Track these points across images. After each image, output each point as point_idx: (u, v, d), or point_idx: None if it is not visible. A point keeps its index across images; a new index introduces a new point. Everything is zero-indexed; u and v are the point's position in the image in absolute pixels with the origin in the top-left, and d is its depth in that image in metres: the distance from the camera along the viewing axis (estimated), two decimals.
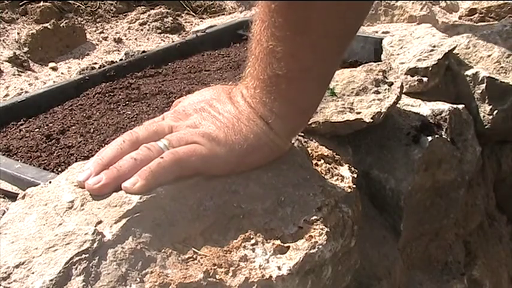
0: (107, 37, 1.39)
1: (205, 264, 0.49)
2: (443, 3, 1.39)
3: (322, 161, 0.68)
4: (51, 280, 0.44)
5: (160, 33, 1.45)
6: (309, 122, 0.72)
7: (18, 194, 0.56)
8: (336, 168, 0.68)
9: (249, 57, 0.55)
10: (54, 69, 1.21)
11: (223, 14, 1.62)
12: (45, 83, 1.14)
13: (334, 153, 0.71)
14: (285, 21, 0.50)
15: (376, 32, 1.08)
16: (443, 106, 0.87)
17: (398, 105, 0.83)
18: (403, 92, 0.85)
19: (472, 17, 1.25)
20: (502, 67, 0.99)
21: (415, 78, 0.91)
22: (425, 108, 0.87)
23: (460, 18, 1.28)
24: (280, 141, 0.56)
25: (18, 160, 0.76)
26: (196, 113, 0.56)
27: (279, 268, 0.50)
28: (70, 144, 0.80)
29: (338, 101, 0.76)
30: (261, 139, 0.55)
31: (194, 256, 0.49)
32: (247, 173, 0.57)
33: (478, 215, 1.00)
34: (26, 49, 1.24)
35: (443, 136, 0.83)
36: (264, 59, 0.53)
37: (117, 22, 1.48)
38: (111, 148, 0.55)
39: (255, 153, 0.55)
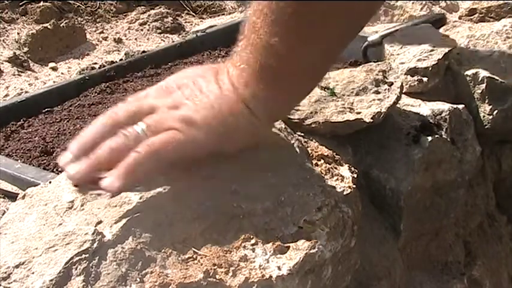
0: (107, 37, 1.39)
1: (205, 264, 0.49)
2: (443, 3, 1.39)
3: (322, 161, 0.68)
4: (51, 280, 0.44)
5: (160, 33, 1.45)
6: (309, 122, 0.72)
7: (18, 194, 0.56)
8: (336, 168, 0.68)
9: (242, 38, 0.54)
10: (54, 69, 1.21)
11: (223, 14, 1.62)
12: (45, 83, 1.14)
13: (334, 153, 0.71)
14: (299, 26, 0.50)
15: (376, 32, 1.08)
16: (443, 106, 0.87)
17: (398, 105, 0.83)
18: (403, 92, 0.85)
19: (472, 17, 1.25)
20: (502, 67, 0.99)
21: (415, 78, 0.91)
22: (425, 108, 0.87)
23: (460, 18, 1.28)
24: (260, 124, 0.55)
25: (18, 160, 0.76)
26: (179, 90, 0.56)
27: (279, 268, 0.50)
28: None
29: (338, 101, 0.76)
30: (239, 121, 0.54)
31: (194, 256, 0.49)
32: (247, 173, 0.57)
33: (478, 215, 1.00)
34: (26, 49, 1.24)
35: (443, 136, 0.83)
36: (259, 49, 0.52)
37: (117, 22, 1.48)
38: (91, 130, 0.54)
39: (233, 135, 0.54)
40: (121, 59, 1.21)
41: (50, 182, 0.56)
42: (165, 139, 0.52)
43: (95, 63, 1.22)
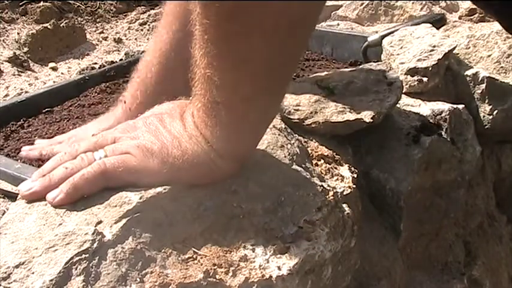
0: (107, 37, 1.39)
1: (205, 264, 0.49)
2: (443, 3, 1.39)
3: (322, 161, 0.68)
4: (51, 280, 0.44)
5: None
6: (309, 122, 0.72)
7: (18, 194, 0.56)
8: (336, 168, 0.68)
9: (193, 76, 0.52)
10: (54, 69, 1.21)
11: None
12: (45, 83, 1.14)
13: (334, 153, 0.71)
14: (221, 52, 0.48)
15: (376, 32, 1.08)
16: (443, 106, 0.87)
17: (398, 105, 0.83)
18: (403, 92, 0.85)
19: (472, 17, 1.25)
20: (502, 67, 0.99)
21: (415, 78, 0.91)
22: (425, 108, 0.87)
23: (460, 18, 1.28)
24: (222, 162, 0.54)
25: (18, 160, 0.75)
26: (144, 126, 0.57)
27: (279, 268, 0.50)
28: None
29: (338, 101, 0.75)
30: (199, 157, 0.53)
31: (194, 256, 0.49)
32: (247, 173, 0.57)
33: (478, 215, 1.00)
34: (26, 49, 1.24)
35: (443, 136, 0.83)
36: (204, 84, 0.51)
37: (117, 22, 1.48)
38: (51, 160, 0.57)
39: (191, 170, 0.54)
40: (121, 59, 1.21)
41: None
42: (116, 161, 0.54)
43: (95, 63, 1.22)
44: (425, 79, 0.91)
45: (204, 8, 0.45)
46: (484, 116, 0.97)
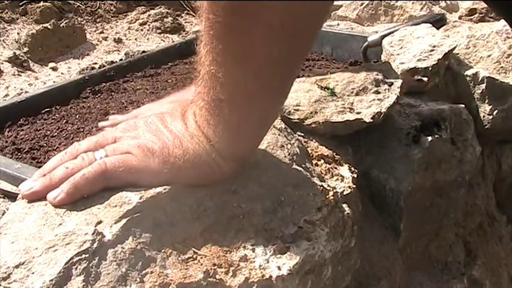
0: (107, 37, 1.39)
1: (205, 264, 0.49)
2: (443, 3, 1.39)
3: (322, 161, 0.68)
4: (51, 280, 0.44)
5: (160, 33, 1.45)
6: (309, 122, 0.72)
7: (18, 194, 0.56)
8: (336, 168, 0.68)
9: (197, 75, 0.53)
10: (54, 69, 1.21)
11: None
12: (45, 83, 1.14)
13: (334, 153, 0.71)
14: (226, 48, 0.48)
15: (376, 32, 1.08)
16: (443, 106, 0.87)
17: (398, 105, 0.83)
18: (403, 92, 0.85)
19: (472, 17, 1.25)
20: (502, 67, 0.99)
21: (415, 78, 0.91)
22: (425, 108, 0.87)
23: (460, 18, 1.28)
24: (223, 163, 0.54)
25: (18, 160, 0.75)
26: (145, 125, 0.57)
27: (279, 268, 0.50)
28: (69, 144, 0.80)
29: (338, 101, 0.76)
30: (201, 157, 0.53)
31: (194, 256, 0.49)
32: (247, 173, 0.57)
33: (478, 215, 1.00)
34: (26, 49, 1.24)
35: (443, 136, 0.83)
36: (208, 81, 0.51)
37: (117, 22, 1.48)
38: (52, 160, 0.57)
39: (193, 170, 0.53)
40: (121, 59, 1.21)
41: None
42: (117, 161, 0.53)
43: (95, 63, 1.22)
44: (425, 79, 0.91)
45: (210, 3, 0.45)
46: (484, 116, 0.97)
